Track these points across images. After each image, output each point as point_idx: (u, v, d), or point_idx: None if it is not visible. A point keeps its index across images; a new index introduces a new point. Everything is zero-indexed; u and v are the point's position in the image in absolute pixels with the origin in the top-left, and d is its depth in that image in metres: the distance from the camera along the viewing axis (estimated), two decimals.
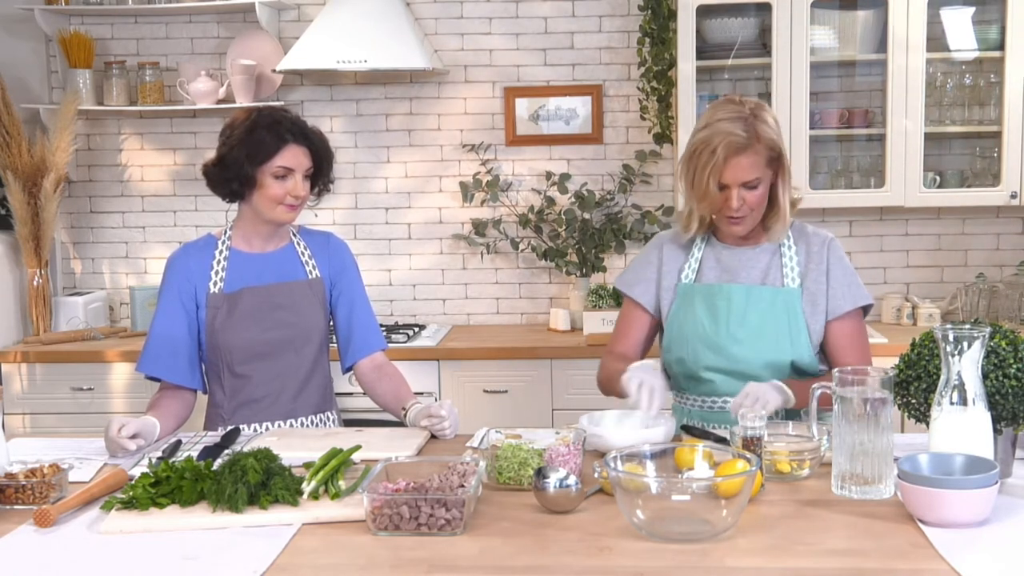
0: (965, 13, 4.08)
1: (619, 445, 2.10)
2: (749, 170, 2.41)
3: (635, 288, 2.65)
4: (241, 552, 1.78)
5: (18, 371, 4.15)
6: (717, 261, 2.58)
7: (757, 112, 2.43)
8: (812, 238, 2.58)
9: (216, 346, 2.67)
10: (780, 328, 2.50)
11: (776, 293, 2.52)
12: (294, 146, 2.63)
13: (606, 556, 1.73)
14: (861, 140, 4.27)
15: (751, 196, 2.45)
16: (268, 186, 2.62)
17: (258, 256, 2.73)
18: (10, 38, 4.51)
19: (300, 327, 2.70)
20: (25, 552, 1.81)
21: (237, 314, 2.66)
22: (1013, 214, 4.37)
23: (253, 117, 2.66)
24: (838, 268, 2.55)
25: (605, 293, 4.24)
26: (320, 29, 4.16)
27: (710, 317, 2.53)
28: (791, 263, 2.55)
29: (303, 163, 2.64)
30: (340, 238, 2.88)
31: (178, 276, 2.69)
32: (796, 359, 2.49)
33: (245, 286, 2.69)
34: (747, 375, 2.48)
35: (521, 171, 4.50)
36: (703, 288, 2.56)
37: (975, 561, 1.67)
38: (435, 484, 1.91)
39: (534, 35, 4.44)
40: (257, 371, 2.68)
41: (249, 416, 2.68)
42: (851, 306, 2.53)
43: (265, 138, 2.61)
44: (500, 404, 4.03)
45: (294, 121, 2.66)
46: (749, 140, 2.40)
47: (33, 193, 4.26)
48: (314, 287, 2.75)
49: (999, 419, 2.02)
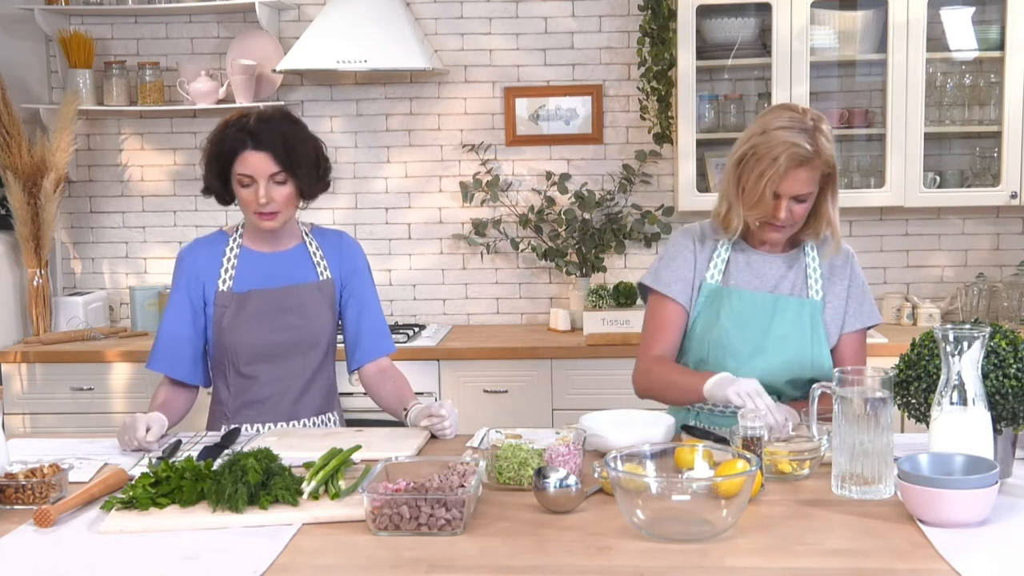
0: (965, 13, 4.08)
1: (619, 445, 2.10)
2: (806, 184, 2.37)
3: (674, 287, 2.55)
4: (241, 552, 1.78)
5: (18, 371, 4.14)
6: (747, 265, 2.54)
7: (818, 124, 2.39)
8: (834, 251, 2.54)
9: (223, 345, 2.67)
10: (803, 340, 2.48)
11: (802, 304, 2.50)
12: (252, 152, 2.52)
13: (606, 556, 1.73)
14: (861, 140, 4.27)
15: (799, 208, 2.41)
16: (238, 192, 2.58)
17: (268, 255, 2.70)
18: (10, 38, 4.51)
19: (307, 331, 2.68)
20: (25, 552, 1.81)
21: (244, 315, 2.65)
22: (1013, 214, 4.37)
23: (227, 120, 2.60)
24: (857, 285, 2.54)
25: (605, 293, 4.24)
26: (320, 29, 4.16)
27: (736, 324, 2.49)
28: (815, 274, 2.53)
29: (264, 169, 2.53)
30: (353, 238, 2.85)
31: (187, 272, 2.69)
32: (817, 374, 2.46)
33: (254, 287, 2.66)
34: (767, 386, 2.35)
35: (521, 171, 4.50)
36: (730, 292, 2.52)
37: (975, 561, 1.67)
38: (435, 484, 1.91)
39: (534, 35, 4.44)
40: (262, 372, 2.67)
41: (252, 416, 2.68)
42: (862, 325, 2.54)
43: (226, 143, 2.55)
44: (500, 404, 4.03)
45: (267, 123, 2.54)
46: (812, 154, 2.35)
47: (33, 193, 4.26)
48: (324, 289, 2.72)
49: (999, 419, 2.02)
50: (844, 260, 2.55)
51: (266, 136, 2.53)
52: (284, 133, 2.56)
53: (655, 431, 2.29)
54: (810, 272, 2.53)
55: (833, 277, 2.53)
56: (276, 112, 2.65)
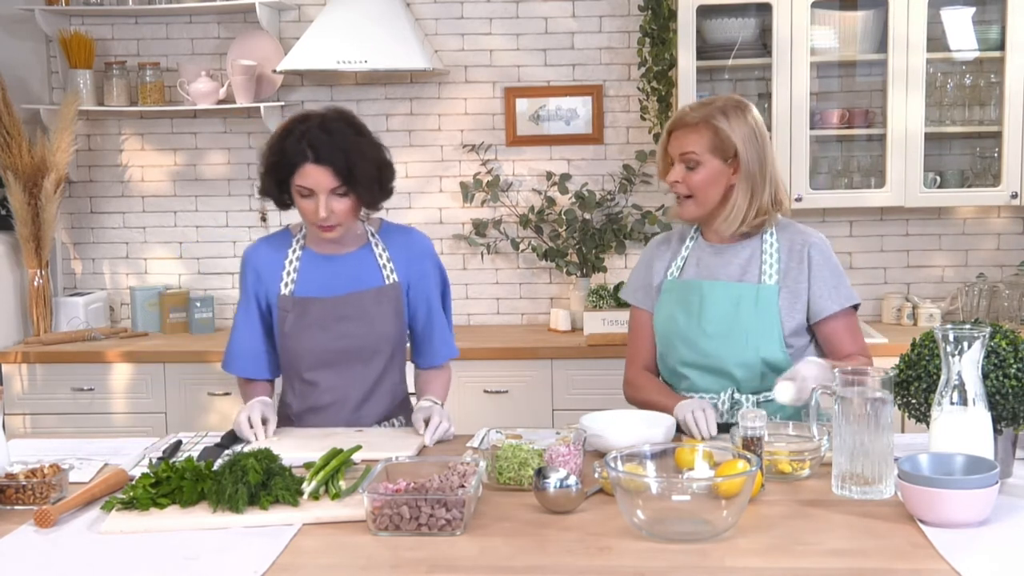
0: (965, 13, 4.08)
1: (619, 445, 2.11)
2: (686, 144, 2.52)
3: (637, 294, 2.72)
4: (242, 552, 1.78)
5: (19, 371, 4.14)
6: (699, 259, 2.64)
7: (727, 108, 2.53)
8: (795, 236, 2.60)
9: (286, 349, 2.64)
10: (750, 324, 2.53)
11: (750, 289, 2.55)
12: (313, 166, 2.45)
13: (606, 556, 1.73)
14: (861, 140, 4.27)
15: (689, 177, 2.53)
16: (297, 202, 2.53)
17: (331, 259, 2.63)
18: (10, 38, 4.51)
19: (369, 338, 2.62)
20: (25, 552, 1.81)
21: (305, 322, 2.60)
22: (1013, 214, 4.37)
23: (291, 124, 2.52)
24: (823, 269, 2.56)
25: (605, 293, 4.24)
26: (320, 29, 4.16)
27: (684, 313, 2.58)
28: (771, 260, 2.57)
29: (325, 183, 2.45)
30: (424, 235, 2.76)
31: (251, 274, 2.66)
32: (766, 355, 2.52)
33: (315, 292, 2.60)
34: (718, 370, 2.54)
35: (521, 171, 4.50)
36: (680, 284, 2.62)
37: (975, 561, 1.67)
38: (435, 484, 1.91)
39: (534, 35, 4.44)
40: (323, 379, 2.63)
41: (315, 422, 2.64)
42: (837, 307, 2.55)
43: (287, 153, 2.48)
44: (500, 404, 4.03)
45: (329, 135, 2.47)
46: (696, 120, 2.52)
47: (33, 193, 4.26)
48: (388, 293, 2.64)
49: (999, 419, 2.02)
50: (803, 245, 2.57)
51: (327, 150, 2.45)
52: (346, 147, 2.47)
53: (655, 431, 2.30)
54: (765, 258, 2.58)
55: (791, 262, 2.56)
56: (339, 119, 2.54)
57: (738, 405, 2.51)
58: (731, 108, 2.53)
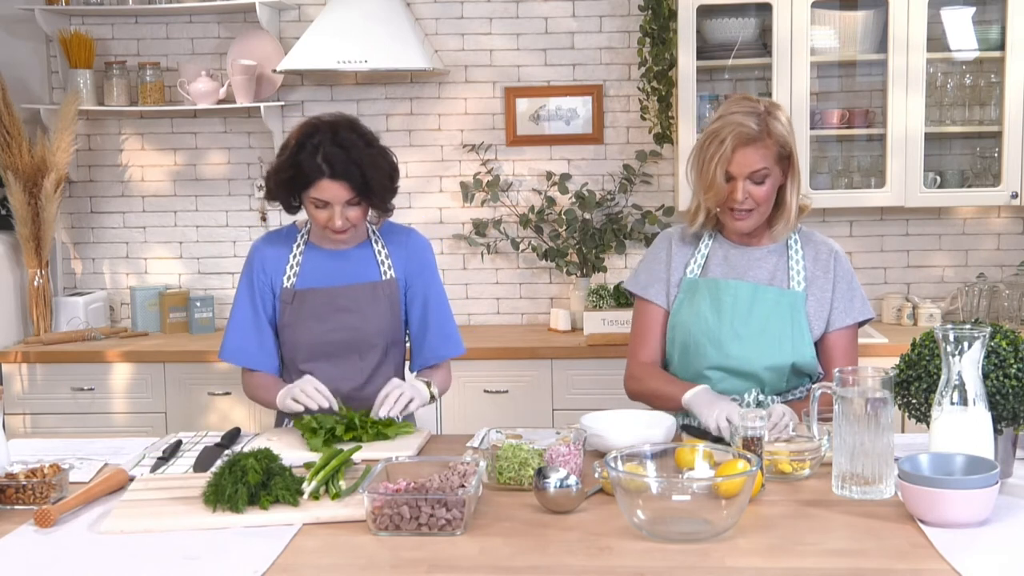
0: (965, 13, 4.08)
1: (619, 445, 2.11)
2: (756, 161, 2.42)
3: (650, 289, 2.63)
4: (242, 552, 1.78)
5: (19, 371, 4.14)
6: (725, 258, 2.58)
7: (771, 110, 2.46)
8: (820, 246, 2.58)
9: (284, 341, 2.70)
10: (783, 329, 2.50)
11: (782, 294, 2.52)
12: (329, 181, 2.50)
13: (606, 556, 1.73)
14: (861, 140, 4.27)
15: (757, 191, 2.45)
16: (310, 211, 2.59)
17: (333, 253, 2.69)
18: (10, 38, 4.51)
19: (364, 331, 2.66)
20: (25, 552, 1.81)
21: (303, 313, 2.65)
22: (1013, 214, 4.37)
23: (302, 137, 2.54)
24: (844, 281, 2.55)
25: (606, 293, 4.24)
26: (320, 29, 4.16)
27: (714, 312, 2.52)
28: (797, 267, 2.55)
29: (341, 196, 2.52)
30: (422, 236, 2.82)
31: (255, 267, 2.70)
32: (797, 360, 2.50)
33: (315, 285, 2.66)
34: (747, 374, 2.50)
35: (521, 171, 4.50)
36: (709, 283, 2.56)
37: (975, 561, 1.67)
38: (435, 484, 1.91)
39: (534, 35, 4.44)
40: (318, 370, 2.63)
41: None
42: (852, 321, 2.55)
43: (302, 168, 2.51)
44: (500, 404, 4.03)
45: (344, 150, 2.50)
46: (759, 133, 2.42)
47: (34, 193, 4.26)
48: (384, 289, 2.69)
49: (999, 419, 2.02)
50: (828, 255, 2.57)
51: (343, 165, 2.49)
52: (361, 160, 2.52)
53: (655, 431, 2.29)
54: (792, 264, 2.56)
55: (817, 271, 2.55)
56: (349, 129, 2.57)
57: (763, 406, 2.45)
58: (774, 109, 2.47)
